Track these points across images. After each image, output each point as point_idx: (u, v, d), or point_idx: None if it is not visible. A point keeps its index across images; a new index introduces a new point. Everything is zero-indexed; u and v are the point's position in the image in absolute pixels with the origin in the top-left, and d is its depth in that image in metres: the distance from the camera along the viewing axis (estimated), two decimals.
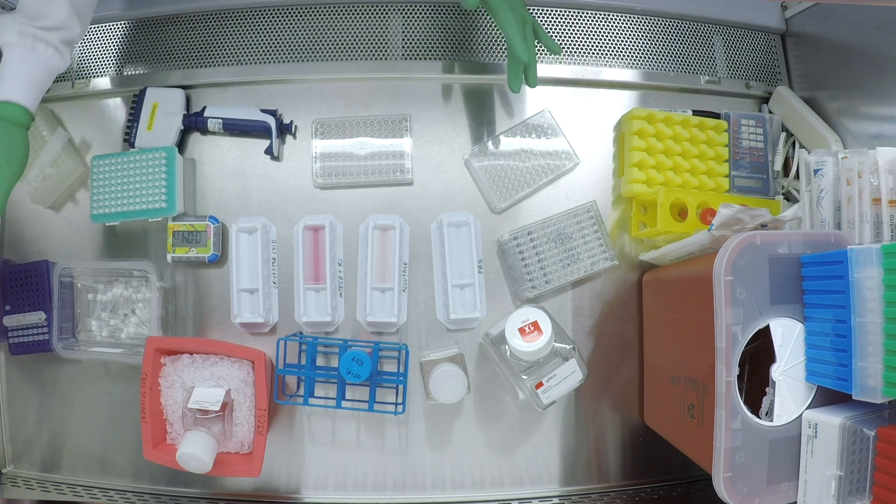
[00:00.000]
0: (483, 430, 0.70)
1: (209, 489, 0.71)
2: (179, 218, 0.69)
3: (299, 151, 0.72)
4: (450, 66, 0.73)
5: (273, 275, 0.70)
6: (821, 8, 0.71)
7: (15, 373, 0.72)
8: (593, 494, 0.71)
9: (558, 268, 0.69)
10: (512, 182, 0.71)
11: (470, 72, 0.73)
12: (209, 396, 0.62)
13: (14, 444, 0.73)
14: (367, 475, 0.70)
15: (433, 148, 0.72)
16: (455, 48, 0.73)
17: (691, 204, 0.66)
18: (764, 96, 0.76)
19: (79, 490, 0.71)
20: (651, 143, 0.68)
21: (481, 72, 0.73)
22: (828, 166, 0.56)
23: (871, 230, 0.52)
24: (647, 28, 0.76)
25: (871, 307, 0.43)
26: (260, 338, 0.70)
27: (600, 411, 0.71)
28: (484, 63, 0.74)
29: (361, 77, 0.73)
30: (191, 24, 0.74)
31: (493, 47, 0.74)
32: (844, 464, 0.44)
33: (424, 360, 0.66)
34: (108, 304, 0.71)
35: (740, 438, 0.47)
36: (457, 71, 0.73)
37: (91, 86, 0.74)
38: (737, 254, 0.47)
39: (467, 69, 0.73)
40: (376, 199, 0.71)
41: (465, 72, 0.73)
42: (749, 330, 0.47)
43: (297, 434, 0.70)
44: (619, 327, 0.72)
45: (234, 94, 0.73)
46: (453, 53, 0.73)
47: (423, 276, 0.70)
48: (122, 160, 0.68)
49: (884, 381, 0.42)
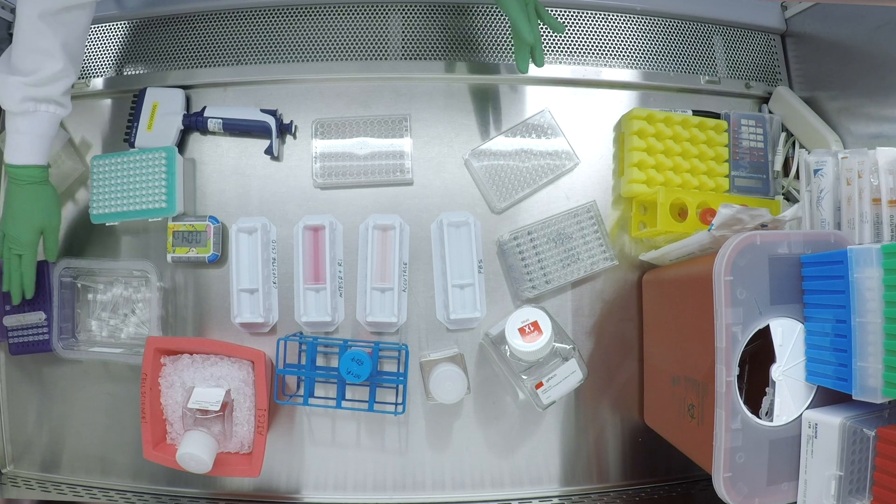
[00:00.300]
0: (483, 430, 0.70)
1: (209, 489, 0.71)
2: (179, 218, 0.69)
3: (299, 151, 0.72)
4: (450, 66, 0.73)
5: (273, 275, 0.70)
6: (821, 8, 0.71)
7: (15, 373, 0.72)
8: (593, 494, 0.71)
9: (558, 268, 0.69)
10: (512, 182, 0.71)
11: (470, 72, 0.73)
12: (209, 396, 0.62)
13: (14, 444, 0.73)
14: (367, 475, 0.70)
15: (433, 148, 0.72)
16: (455, 48, 0.73)
17: (691, 204, 0.65)
18: (764, 96, 0.76)
19: (79, 490, 0.71)
20: (651, 143, 0.68)
21: (481, 72, 0.73)
22: (828, 166, 0.56)
23: (870, 230, 0.52)
24: (647, 28, 0.76)
25: (871, 307, 0.43)
26: (260, 338, 0.70)
27: (600, 411, 0.71)
28: (484, 63, 0.74)
29: (361, 77, 0.73)
30: (191, 24, 0.74)
31: (493, 47, 0.74)
32: (844, 464, 0.44)
33: (424, 360, 0.66)
34: (108, 304, 0.71)
35: (740, 438, 0.47)
36: (457, 71, 0.73)
37: (91, 86, 0.74)
38: (737, 254, 0.47)
39: (467, 69, 0.73)
40: (376, 199, 0.71)
41: (464, 72, 0.73)
42: (749, 330, 0.47)
43: (297, 434, 0.70)
44: (619, 327, 0.72)
45: (234, 94, 0.73)
46: (453, 53, 0.73)
47: (423, 276, 0.70)
48: (122, 160, 0.68)
49: (884, 381, 0.42)
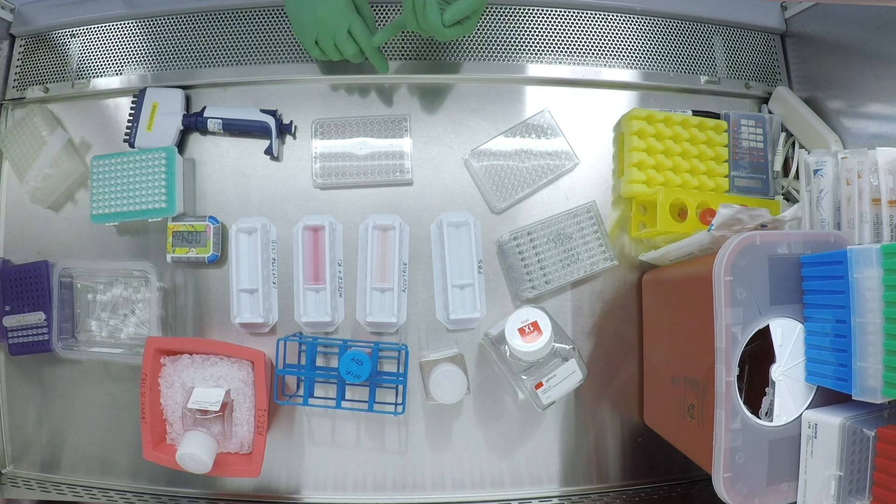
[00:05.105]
0: (483, 430, 0.70)
1: (209, 489, 0.71)
2: (179, 218, 0.69)
3: (299, 151, 0.72)
4: (449, 66, 0.73)
5: (273, 275, 0.70)
6: (821, 8, 0.71)
7: (15, 373, 0.72)
8: (593, 494, 0.71)
9: (558, 268, 0.69)
10: (512, 182, 0.71)
11: (470, 72, 0.73)
12: (209, 397, 0.62)
13: (14, 444, 0.73)
14: (367, 475, 0.70)
15: (433, 148, 0.72)
16: (455, 48, 0.73)
17: (691, 204, 0.65)
18: (764, 96, 0.76)
19: (79, 490, 0.71)
20: (651, 144, 0.68)
21: (481, 71, 0.73)
22: (827, 166, 0.56)
23: (870, 230, 0.52)
24: (647, 28, 0.76)
25: (871, 307, 0.43)
26: (260, 338, 0.70)
27: (600, 411, 0.71)
28: (483, 63, 0.73)
29: (361, 77, 0.73)
30: (191, 24, 0.74)
31: (494, 47, 0.74)
32: (844, 464, 0.44)
33: (424, 360, 0.66)
34: (107, 304, 0.71)
35: (740, 438, 0.47)
36: (456, 71, 0.73)
37: (91, 86, 0.74)
38: (737, 254, 0.47)
39: (467, 69, 0.73)
40: (376, 200, 0.71)
41: (464, 72, 0.73)
42: (749, 330, 0.47)
43: (296, 434, 0.70)
44: (618, 327, 0.72)
45: (234, 94, 0.73)
46: (453, 53, 0.73)
47: (423, 276, 0.70)
48: (122, 160, 0.68)
49: (883, 381, 0.42)
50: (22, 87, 0.75)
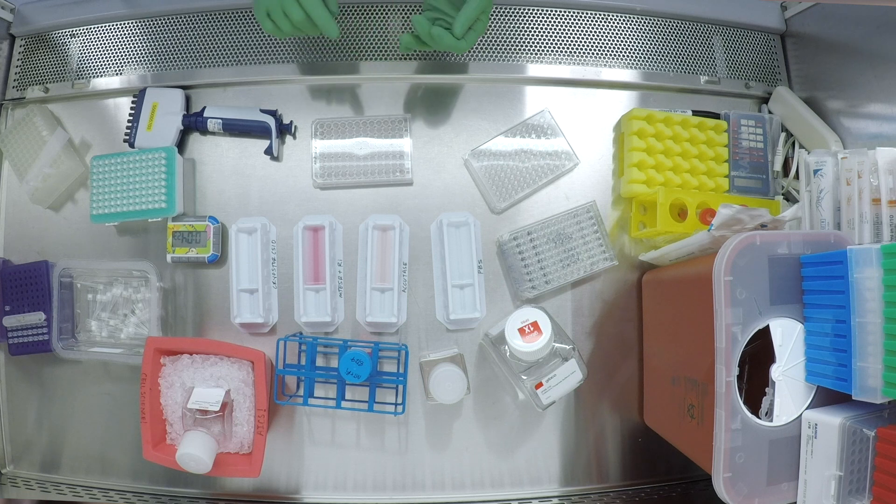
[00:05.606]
0: (483, 430, 0.70)
1: (209, 489, 0.71)
2: (179, 218, 0.69)
3: (299, 152, 0.72)
4: (449, 67, 0.73)
5: (273, 275, 0.70)
6: (821, 8, 0.71)
7: (15, 373, 0.72)
8: (593, 494, 0.71)
9: (558, 268, 0.69)
10: (512, 182, 0.71)
11: (470, 72, 0.73)
12: (209, 397, 0.62)
13: (14, 445, 0.73)
14: (367, 475, 0.70)
15: (433, 148, 0.72)
16: None
17: (691, 204, 0.65)
18: (764, 96, 0.76)
19: (78, 490, 0.71)
20: (651, 144, 0.68)
21: (481, 71, 0.73)
22: (827, 166, 0.56)
23: (870, 230, 0.52)
24: (647, 28, 0.76)
25: (871, 307, 0.43)
26: (260, 338, 0.70)
27: (600, 411, 0.71)
28: (483, 63, 0.73)
29: (361, 77, 0.73)
30: (191, 24, 0.74)
31: (494, 47, 0.74)
32: (844, 464, 0.44)
33: (424, 360, 0.66)
34: (107, 304, 0.71)
35: (740, 438, 0.47)
36: (456, 71, 0.73)
37: (91, 86, 0.74)
38: (737, 254, 0.47)
39: (467, 69, 0.73)
40: (376, 200, 0.71)
41: (464, 72, 0.73)
42: (749, 330, 0.47)
43: (296, 434, 0.70)
44: (618, 327, 0.72)
45: (234, 95, 0.73)
46: (453, 53, 0.73)
47: (423, 276, 0.70)
48: (122, 160, 0.68)
49: (883, 381, 0.42)
50: (22, 87, 0.75)
